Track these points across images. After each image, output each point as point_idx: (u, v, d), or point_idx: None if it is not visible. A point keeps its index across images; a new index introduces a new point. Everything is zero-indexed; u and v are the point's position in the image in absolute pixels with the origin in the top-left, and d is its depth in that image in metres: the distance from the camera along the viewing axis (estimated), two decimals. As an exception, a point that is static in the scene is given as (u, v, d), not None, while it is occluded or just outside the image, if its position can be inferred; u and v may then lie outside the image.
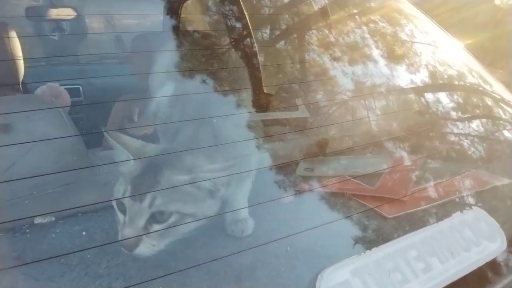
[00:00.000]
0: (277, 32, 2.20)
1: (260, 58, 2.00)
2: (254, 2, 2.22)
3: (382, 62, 1.87)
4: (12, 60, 1.90)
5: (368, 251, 0.90)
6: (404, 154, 1.46)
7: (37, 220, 1.07)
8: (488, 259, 0.97)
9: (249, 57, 2.08)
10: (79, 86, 2.64)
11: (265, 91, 1.80)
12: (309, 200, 1.21)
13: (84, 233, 1.03)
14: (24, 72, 1.97)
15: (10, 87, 1.94)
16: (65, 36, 2.69)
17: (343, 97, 1.74)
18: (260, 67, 1.97)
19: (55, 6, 2.57)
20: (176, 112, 1.25)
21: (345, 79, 1.77)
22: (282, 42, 2.17)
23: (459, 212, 1.04)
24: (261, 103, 1.70)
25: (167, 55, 1.96)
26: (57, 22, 2.63)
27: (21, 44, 2.43)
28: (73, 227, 1.07)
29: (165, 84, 1.99)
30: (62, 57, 2.75)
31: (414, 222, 1.07)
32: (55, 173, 1.05)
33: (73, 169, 1.06)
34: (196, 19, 2.58)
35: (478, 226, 1.01)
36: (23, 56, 2.17)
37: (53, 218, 1.08)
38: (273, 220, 1.10)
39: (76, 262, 0.92)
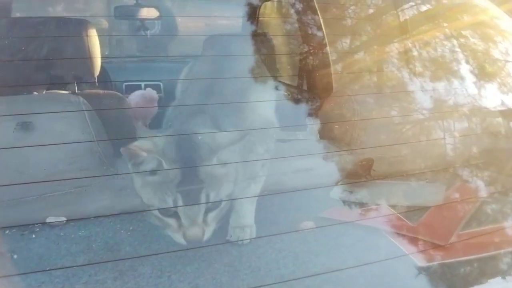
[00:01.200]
0: (354, 40, 2.02)
1: (335, 67, 1.85)
2: (333, 10, 2.06)
3: (467, 80, 1.61)
4: (92, 57, 1.94)
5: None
6: (466, 187, 1.23)
7: (49, 220, 1.05)
8: None
9: (321, 64, 1.94)
10: (160, 83, 2.69)
11: (332, 100, 1.63)
12: (332, 232, 1.05)
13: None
14: (103, 68, 2.03)
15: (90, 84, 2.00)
16: (149, 35, 2.75)
17: (416, 115, 1.51)
18: (332, 74, 1.82)
19: (140, 6, 2.63)
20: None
21: (422, 95, 1.55)
22: (359, 52, 1.98)
23: (500, 277, 0.81)
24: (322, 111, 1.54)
25: (243, 57, 1.90)
26: (142, 21, 2.69)
27: (106, 41, 2.52)
28: (79, 231, 1.03)
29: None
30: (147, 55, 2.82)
31: (442, 280, 0.87)
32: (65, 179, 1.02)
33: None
34: (273, 22, 2.49)
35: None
36: (106, 53, 2.24)
37: (64, 219, 1.06)
38: (280, 251, 0.97)
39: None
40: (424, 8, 1.93)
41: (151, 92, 1.96)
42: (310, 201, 1.19)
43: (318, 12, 1.93)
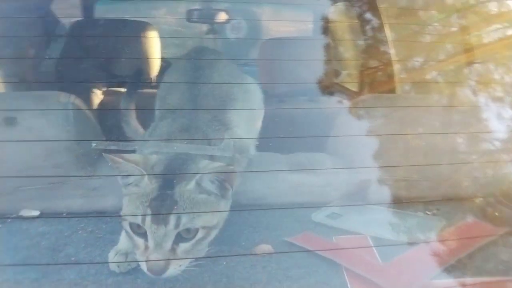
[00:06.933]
0: (423, 55, 1.77)
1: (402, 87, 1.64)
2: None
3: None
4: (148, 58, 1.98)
5: None
6: (473, 226, 0.98)
7: (23, 213, 1.06)
8: None
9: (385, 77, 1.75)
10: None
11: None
12: (286, 261, 0.90)
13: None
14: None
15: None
16: (219, 37, 2.75)
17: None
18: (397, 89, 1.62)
19: (211, 10, 2.64)
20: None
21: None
22: (431, 72, 1.72)
23: None
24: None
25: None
26: (212, 24, 2.69)
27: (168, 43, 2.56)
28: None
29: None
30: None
31: None
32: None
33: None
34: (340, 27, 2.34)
35: None
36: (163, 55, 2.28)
37: (38, 213, 1.06)
38: (212, 275, 0.85)
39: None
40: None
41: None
42: (285, 222, 1.05)
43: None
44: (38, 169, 1.07)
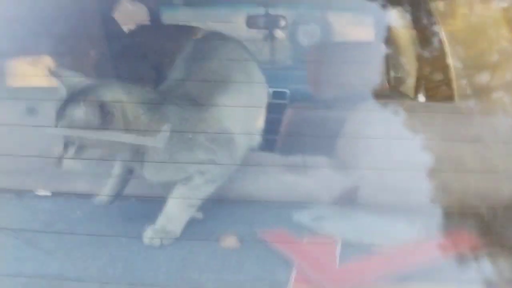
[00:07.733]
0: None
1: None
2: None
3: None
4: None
5: None
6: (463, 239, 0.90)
7: (38, 192, 1.19)
8: None
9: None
10: (287, 90, 2.68)
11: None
12: (244, 253, 0.91)
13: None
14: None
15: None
16: (278, 42, 2.79)
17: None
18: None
19: (270, 16, 2.69)
20: None
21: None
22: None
23: None
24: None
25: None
26: (270, 30, 2.74)
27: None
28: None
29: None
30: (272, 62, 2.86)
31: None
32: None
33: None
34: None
35: None
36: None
37: (50, 193, 1.18)
38: (165, 261, 0.88)
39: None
40: None
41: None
42: (266, 218, 1.05)
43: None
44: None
